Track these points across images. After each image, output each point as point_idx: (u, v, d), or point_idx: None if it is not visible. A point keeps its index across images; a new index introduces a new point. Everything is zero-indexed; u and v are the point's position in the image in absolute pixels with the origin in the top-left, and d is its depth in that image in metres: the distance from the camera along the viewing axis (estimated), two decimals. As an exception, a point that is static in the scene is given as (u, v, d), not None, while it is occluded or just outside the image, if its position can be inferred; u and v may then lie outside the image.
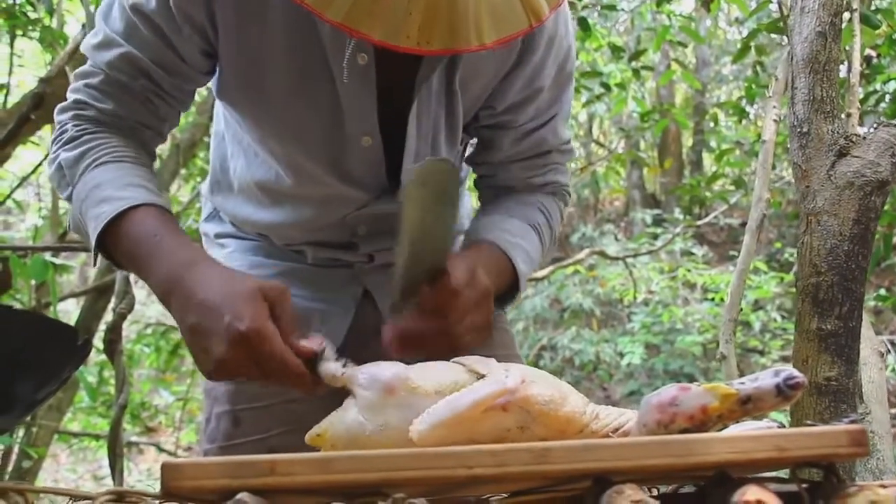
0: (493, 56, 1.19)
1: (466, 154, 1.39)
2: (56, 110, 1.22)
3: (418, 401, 0.85)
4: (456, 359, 0.93)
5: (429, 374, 0.88)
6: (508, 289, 1.23)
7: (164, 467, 0.65)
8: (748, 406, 0.76)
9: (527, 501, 0.69)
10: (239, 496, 0.61)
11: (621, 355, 7.21)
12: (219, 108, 1.36)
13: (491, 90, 1.24)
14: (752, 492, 0.65)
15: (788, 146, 1.33)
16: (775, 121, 2.14)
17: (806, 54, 1.27)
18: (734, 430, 0.80)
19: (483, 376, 0.88)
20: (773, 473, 0.77)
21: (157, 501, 0.67)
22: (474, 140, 1.37)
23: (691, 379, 7.23)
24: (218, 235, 1.44)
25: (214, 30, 1.14)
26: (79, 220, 1.13)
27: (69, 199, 1.16)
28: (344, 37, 1.11)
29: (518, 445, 0.68)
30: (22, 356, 0.66)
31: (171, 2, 1.11)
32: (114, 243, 1.07)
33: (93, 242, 1.08)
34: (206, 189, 1.48)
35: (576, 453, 0.67)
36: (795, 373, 0.76)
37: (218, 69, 1.21)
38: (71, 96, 1.21)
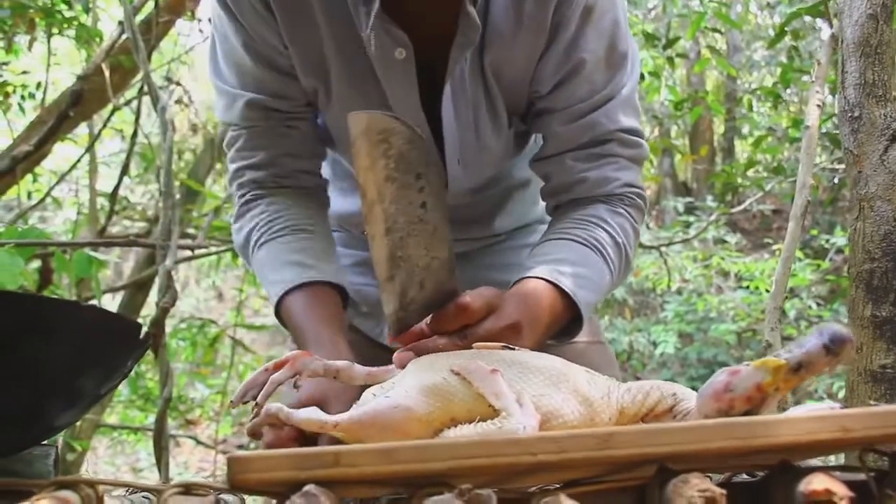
0: (522, 38, 1.18)
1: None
2: (227, 181, 1.36)
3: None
4: (462, 369, 0.82)
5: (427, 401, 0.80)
6: (573, 319, 1.14)
7: (231, 460, 0.65)
8: (801, 372, 0.75)
9: (591, 491, 0.69)
10: (307, 488, 0.61)
11: (654, 344, 7.17)
12: None
13: (531, 75, 1.23)
14: (818, 481, 0.64)
15: (839, 131, 1.31)
16: (818, 106, 2.11)
17: (857, 37, 1.25)
18: (796, 412, 0.79)
19: (496, 410, 0.79)
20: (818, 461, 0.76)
21: (224, 494, 0.67)
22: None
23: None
24: None
25: (284, 45, 1.20)
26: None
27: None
28: (382, 35, 1.13)
29: (581, 431, 0.68)
30: (88, 351, 0.67)
31: (248, 32, 1.18)
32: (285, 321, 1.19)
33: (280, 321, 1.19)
34: None
35: (639, 438, 0.67)
36: (839, 328, 0.75)
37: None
38: (230, 167, 1.31)
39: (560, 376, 0.85)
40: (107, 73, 3.37)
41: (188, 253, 3.80)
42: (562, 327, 1.13)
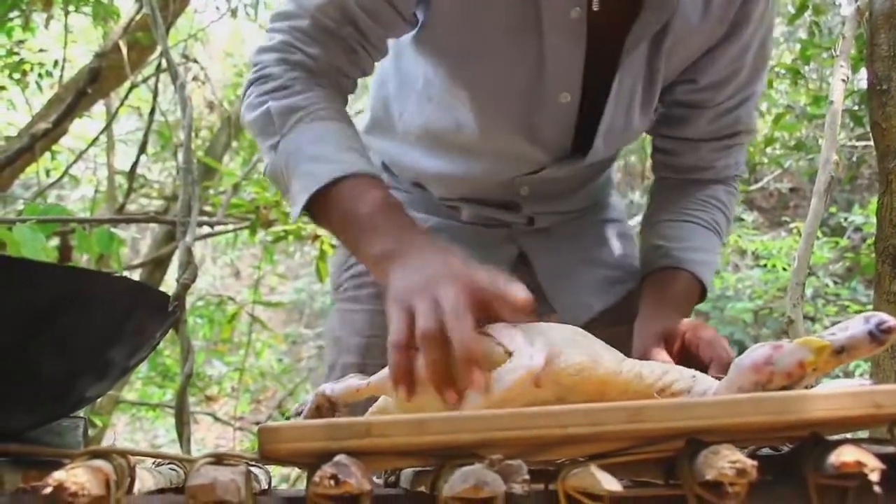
0: (705, 27, 1.16)
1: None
2: (255, 50, 1.17)
3: None
4: (485, 328, 0.86)
5: None
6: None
7: (262, 431, 0.66)
8: (842, 356, 0.75)
9: (620, 463, 0.69)
10: (337, 458, 0.61)
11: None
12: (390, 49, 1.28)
13: (694, 63, 1.22)
14: (849, 452, 0.64)
15: (860, 107, 1.30)
16: (843, 81, 2.09)
17: (886, 9, 1.23)
18: (827, 387, 0.78)
19: (510, 353, 0.83)
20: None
21: (256, 464, 0.68)
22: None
23: (741, 346, 7.19)
24: None
25: None
26: (281, 170, 1.08)
27: (274, 147, 1.11)
28: None
29: (612, 405, 0.68)
30: (119, 322, 0.67)
31: None
32: (326, 204, 1.03)
33: (301, 199, 1.04)
34: (361, 129, 1.42)
35: (671, 412, 0.67)
36: (886, 317, 0.75)
37: (423, 15, 1.17)
38: (275, 37, 1.15)
39: (578, 339, 0.87)
40: (124, 51, 3.37)
41: (207, 230, 3.81)
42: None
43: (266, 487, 0.88)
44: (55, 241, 3.76)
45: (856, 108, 3.55)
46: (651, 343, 1.10)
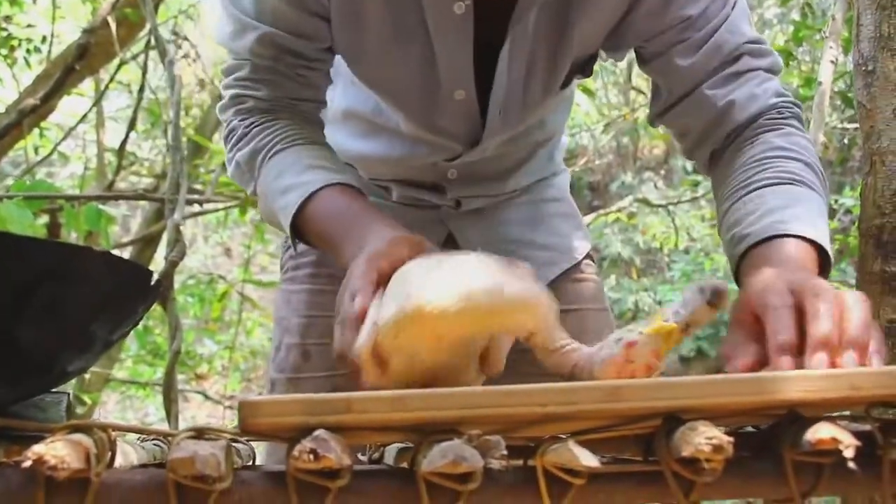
0: None
1: (648, 116, 1.24)
2: (217, 110, 1.22)
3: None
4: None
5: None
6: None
7: (242, 405, 0.66)
8: (689, 329, 0.80)
9: (599, 439, 0.69)
10: (317, 433, 0.62)
11: (660, 304, 7.19)
12: None
13: (612, 27, 1.15)
14: (825, 429, 0.65)
15: (851, 89, 1.30)
16: (832, 62, 2.09)
17: (872, -10, 1.24)
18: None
19: None
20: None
21: (236, 438, 0.68)
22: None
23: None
24: None
25: None
26: (269, 212, 1.13)
27: (254, 194, 1.17)
28: None
29: (591, 384, 0.69)
30: (102, 296, 0.67)
31: None
32: (304, 229, 1.07)
33: (288, 233, 1.08)
34: None
35: (648, 391, 0.68)
36: (717, 283, 0.80)
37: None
38: (226, 93, 1.20)
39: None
40: (113, 27, 3.35)
41: (197, 208, 3.80)
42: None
43: (250, 464, 0.88)
44: (44, 219, 3.75)
45: (847, 90, 3.56)
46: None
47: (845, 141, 6.24)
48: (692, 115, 1.12)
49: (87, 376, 3.89)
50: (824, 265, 0.94)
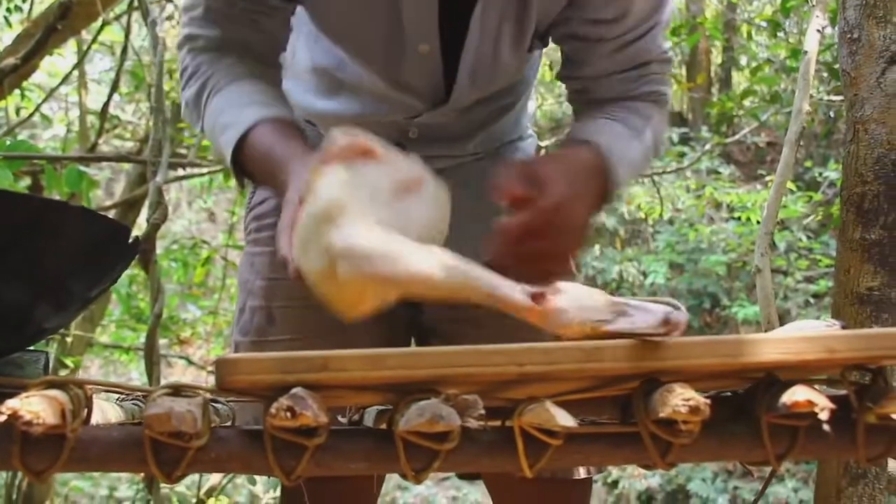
0: None
1: (556, 72, 1.32)
2: (176, 48, 1.23)
3: None
4: None
5: None
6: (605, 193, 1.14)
7: (219, 363, 0.66)
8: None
9: (576, 400, 0.70)
10: (294, 391, 0.62)
11: (644, 274, 7.22)
12: None
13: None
14: (801, 392, 0.65)
15: (838, 54, 1.30)
16: (819, 31, 2.09)
17: (860, -43, 1.23)
18: (784, 330, 0.80)
19: None
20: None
21: (213, 395, 0.68)
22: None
23: (715, 299, 7.28)
24: None
25: None
26: (217, 150, 1.15)
27: (203, 131, 1.18)
28: None
29: (569, 344, 0.69)
30: (79, 252, 0.67)
31: None
32: (245, 166, 1.10)
33: (232, 170, 1.11)
34: None
35: (627, 352, 0.68)
36: (681, 319, 0.70)
37: None
38: (181, 32, 1.21)
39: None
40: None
41: (181, 172, 3.78)
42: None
43: (229, 424, 0.88)
44: (26, 182, 3.72)
45: (833, 62, 3.55)
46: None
47: (831, 114, 6.26)
48: (593, 91, 1.26)
49: (69, 339, 3.88)
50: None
